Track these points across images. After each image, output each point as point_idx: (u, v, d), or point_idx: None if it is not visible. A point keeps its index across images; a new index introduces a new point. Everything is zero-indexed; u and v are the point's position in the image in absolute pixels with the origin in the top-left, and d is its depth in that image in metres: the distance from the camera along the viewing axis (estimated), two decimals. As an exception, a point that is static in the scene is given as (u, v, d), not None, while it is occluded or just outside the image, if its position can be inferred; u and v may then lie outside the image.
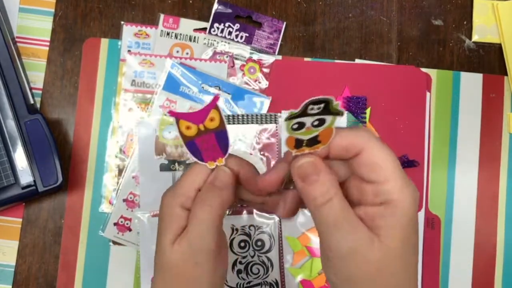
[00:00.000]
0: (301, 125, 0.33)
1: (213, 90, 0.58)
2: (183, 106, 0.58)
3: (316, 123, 0.33)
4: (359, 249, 0.32)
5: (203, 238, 0.37)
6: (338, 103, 0.32)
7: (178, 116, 0.37)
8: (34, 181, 0.53)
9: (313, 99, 0.31)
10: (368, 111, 0.60)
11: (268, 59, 0.60)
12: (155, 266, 0.39)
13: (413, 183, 0.33)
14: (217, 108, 0.37)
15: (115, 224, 0.57)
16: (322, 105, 0.32)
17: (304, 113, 0.32)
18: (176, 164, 0.57)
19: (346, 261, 0.32)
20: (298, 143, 0.34)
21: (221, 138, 0.38)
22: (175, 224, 0.38)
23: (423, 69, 0.61)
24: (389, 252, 0.32)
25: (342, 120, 0.58)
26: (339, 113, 0.32)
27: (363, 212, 0.33)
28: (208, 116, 0.37)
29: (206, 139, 0.38)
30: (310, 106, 0.32)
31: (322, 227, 0.33)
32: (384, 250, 0.32)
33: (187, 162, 0.57)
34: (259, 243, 0.57)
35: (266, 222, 0.57)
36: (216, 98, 0.37)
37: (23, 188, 0.53)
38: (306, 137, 0.33)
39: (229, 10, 0.60)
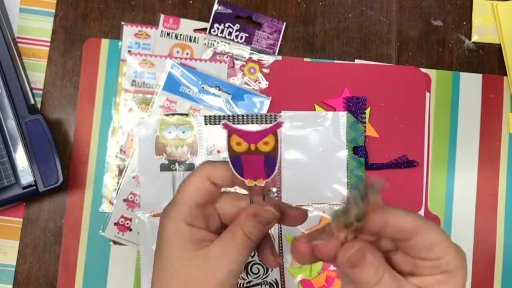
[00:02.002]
0: (346, 211, 0.32)
1: (213, 90, 0.58)
2: (183, 106, 0.58)
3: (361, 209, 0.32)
4: None
5: (233, 262, 0.38)
6: (377, 186, 0.31)
7: (232, 131, 0.35)
8: (35, 181, 0.53)
9: (354, 195, 0.31)
10: (367, 111, 0.60)
11: (268, 59, 0.60)
12: (160, 275, 0.39)
13: (460, 247, 0.34)
14: (275, 134, 0.36)
15: (115, 224, 0.57)
16: (363, 193, 0.31)
17: (347, 210, 0.31)
18: (176, 164, 0.57)
19: None
20: (347, 225, 0.33)
21: (269, 162, 0.37)
22: (185, 236, 0.38)
23: (423, 70, 0.61)
24: None
25: (342, 121, 0.58)
26: (378, 192, 0.31)
27: (420, 282, 0.33)
28: (264, 138, 0.36)
29: (253, 159, 0.37)
30: (350, 201, 0.31)
31: None
32: None
33: (187, 162, 0.57)
34: (259, 243, 0.57)
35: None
36: (278, 124, 0.36)
37: (24, 188, 0.53)
38: (353, 217, 0.32)
39: (229, 11, 0.60)
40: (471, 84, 0.62)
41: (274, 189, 0.57)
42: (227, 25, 0.59)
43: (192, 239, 0.38)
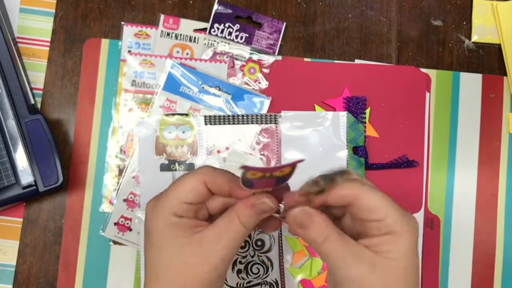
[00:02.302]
0: (316, 183, 0.38)
1: (213, 90, 0.58)
2: (183, 106, 0.58)
3: (329, 181, 0.38)
4: (363, 274, 0.36)
5: (227, 247, 0.39)
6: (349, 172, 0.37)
7: (249, 169, 0.35)
8: (35, 181, 0.53)
9: (324, 174, 0.37)
10: (367, 111, 0.60)
11: (268, 59, 0.60)
12: (152, 265, 0.39)
13: (408, 213, 0.38)
14: (294, 167, 0.37)
15: (115, 223, 0.57)
16: (333, 174, 0.37)
17: (318, 180, 0.37)
18: (176, 164, 0.57)
19: (354, 285, 0.36)
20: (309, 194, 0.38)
21: (280, 182, 0.38)
22: (178, 227, 0.39)
23: (423, 70, 0.61)
24: (392, 273, 0.36)
25: (342, 121, 0.58)
26: (349, 173, 0.38)
27: (368, 242, 0.37)
28: (280, 169, 0.36)
29: (266, 181, 0.38)
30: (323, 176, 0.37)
31: (329, 261, 0.38)
32: (387, 272, 0.36)
33: (187, 162, 0.57)
34: (259, 243, 0.57)
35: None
36: (296, 162, 0.36)
37: (24, 188, 0.53)
38: (316, 190, 0.38)
39: (229, 11, 0.60)
40: (471, 84, 0.62)
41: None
42: (227, 25, 0.59)
43: (183, 227, 0.39)
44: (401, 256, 0.37)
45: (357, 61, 0.61)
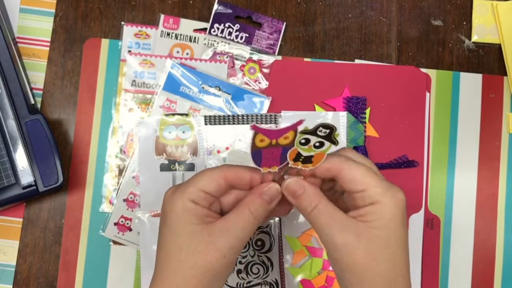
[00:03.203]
0: (307, 142, 0.39)
1: (213, 90, 0.58)
2: (183, 106, 0.58)
3: (317, 144, 0.39)
4: (349, 241, 0.39)
5: (236, 237, 0.41)
6: (338, 134, 0.39)
7: (258, 131, 0.38)
8: (35, 181, 0.53)
9: (325, 123, 0.38)
10: (367, 111, 0.60)
11: (268, 59, 0.60)
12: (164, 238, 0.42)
13: (395, 186, 0.41)
14: (295, 130, 0.39)
15: (115, 224, 0.57)
16: (328, 131, 0.39)
17: (314, 132, 0.39)
18: (176, 164, 0.57)
19: (341, 253, 0.39)
20: (297, 157, 0.40)
21: (286, 151, 0.40)
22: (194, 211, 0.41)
23: (423, 70, 0.61)
24: (375, 241, 0.39)
25: (342, 121, 0.58)
26: (335, 143, 0.39)
27: (356, 213, 0.40)
28: (284, 134, 0.39)
29: (272, 151, 0.40)
30: (320, 128, 0.38)
31: (318, 228, 0.41)
32: (371, 240, 0.39)
33: (187, 162, 0.57)
34: (259, 243, 0.57)
35: (266, 222, 0.57)
36: (300, 122, 0.38)
37: (24, 188, 0.53)
38: (304, 154, 0.40)
39: (229, 11, 0.60)
40: (471, 84, 0.62)
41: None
42: (227, 25, 0.59)
43: (197, 214, 0.41)
44: (384, 224, 0.39)
45: (357, 61, 0.61)
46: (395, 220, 0.39)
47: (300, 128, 0.39)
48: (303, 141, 0.39)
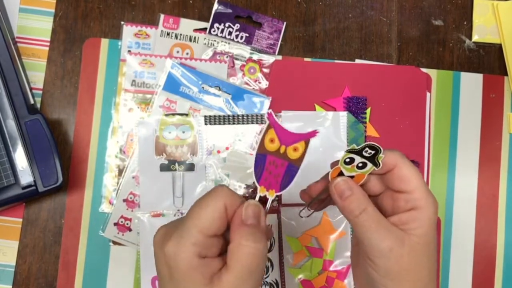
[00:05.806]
0: (351, 161, 0.39)
1: (213, 90, 0.58)
2: (183, 106, 0.58)
3: (360, 165, 0.39)
4: (394, 247, 0.39)
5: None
6: (382, 157, 0.39)
7: (273, 124, 0.37)
8: (34, 181, 0.53)
9: (371, 144, 0.38)
10: (368, 111, 0.60)
11: (268, 59, 0.60)
12: None
13: (431, 192, 0.40)
14: (307, 142, 0.38)
15: (115, 224, 0.57)
16: (373, 152, 0.38)
17: (360, 152, 0.38)
18: (176, 164, 0.57)
19: (386, 258, 0.39)
20: (340, 175, 0.40)
21: (289, 172, 0.39)
22: (201, 273, 0.36)
23: (423, 69, 0.61)
24: (417, 249, 0.39)
25: (343, 121, 0.58)
26: (377, 165, 0.39)
27: (397, 219, 0.40)
28: (296, 143, 0.38)
29: (278, 163, 0.39)
30: (366, 148, 0.38)
31: (363, 232, 0.39)
32: (413, 247, 0.39)
33: (187, 162, 0.57)
34: (259, 243, 0.57)
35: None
36: (314, 132, 0.38)
37: (23, 188, 0.53)
38: (346, 174, 0.40)
39: (229, 10, 0.60)
40: (471, 84, 0.62)
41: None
42: (227, 25, 0.59)
43: (204, 272, 0.36)
44: (424, 232, 0.39)
45: (357, 61, 0.61)
46: (433, 227, 0.40)
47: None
48: (347, 160, 0.39)
